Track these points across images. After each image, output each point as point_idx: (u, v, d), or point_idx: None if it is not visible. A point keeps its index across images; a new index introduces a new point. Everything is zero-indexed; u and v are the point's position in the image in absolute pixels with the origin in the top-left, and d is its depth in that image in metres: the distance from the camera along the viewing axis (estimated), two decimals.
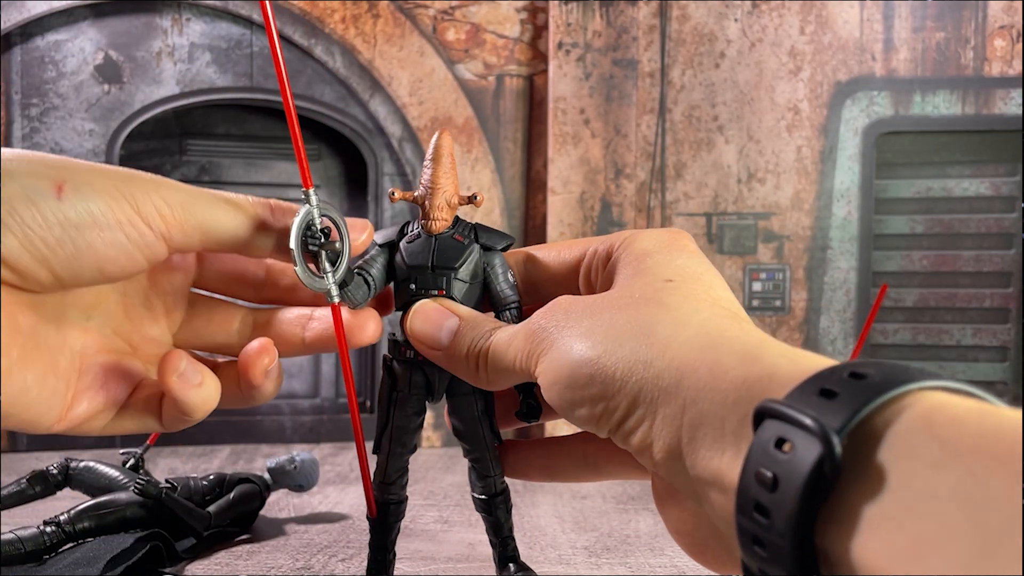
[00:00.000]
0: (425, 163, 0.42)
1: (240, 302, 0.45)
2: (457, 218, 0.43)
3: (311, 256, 0.38)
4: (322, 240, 0.37)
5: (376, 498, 0.45)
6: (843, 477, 0.22)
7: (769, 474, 0.23)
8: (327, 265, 0.38)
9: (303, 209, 0.37)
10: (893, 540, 0.20)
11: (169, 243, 0.35)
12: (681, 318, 0.31)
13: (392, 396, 0.43)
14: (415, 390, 0.43)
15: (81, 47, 1.27)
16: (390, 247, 0.43)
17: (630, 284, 0.35)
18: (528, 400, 0.42)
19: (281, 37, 1.30)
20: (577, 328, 0.33)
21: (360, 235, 0.40)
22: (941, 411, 0.22)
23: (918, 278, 1.39)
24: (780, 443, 0.23)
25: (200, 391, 0.39)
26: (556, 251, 0.42)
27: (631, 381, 0.30)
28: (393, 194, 0.42)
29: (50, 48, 1.26)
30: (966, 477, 0.20)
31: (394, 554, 0.47)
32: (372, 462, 0.46)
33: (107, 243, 0.33)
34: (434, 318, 0.39)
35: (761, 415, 0.24)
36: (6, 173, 0.31)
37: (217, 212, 0.36)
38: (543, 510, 0.92)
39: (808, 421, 0.22)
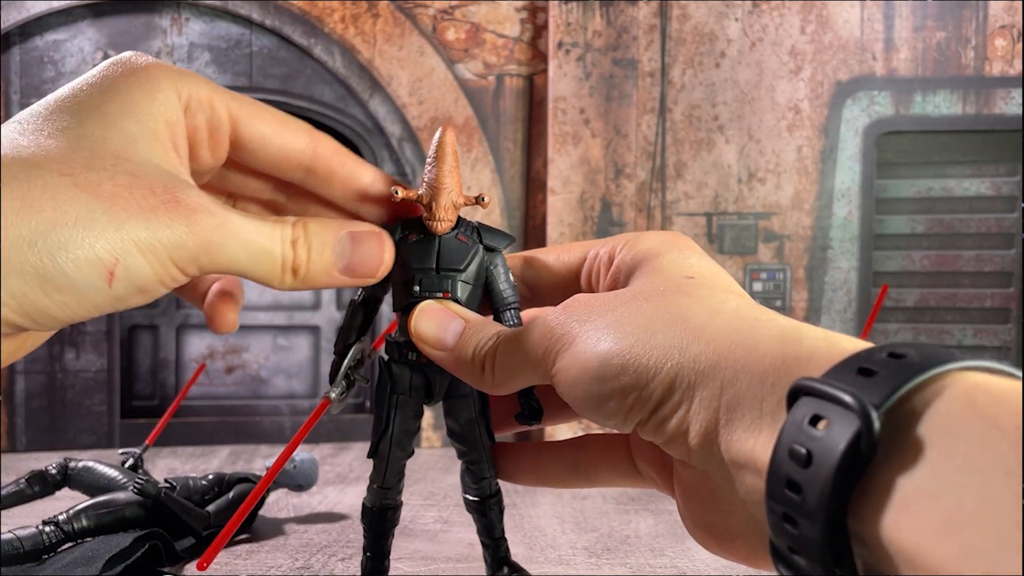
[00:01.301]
0: (428, 160, 0.41)
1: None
2: (459, 218, 0.42)
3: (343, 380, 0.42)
4: (359, 373, 0.43)
5: (374, 503, 0.44)
6: (879, 455, 0.22)
7: (803, 450, 0.22)
8: (343, 381, 0.42)
9: (356, 347, 0.42)
10: (927, 515, 0.20)
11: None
12: (714, 306, 0.31)
13: (392, 399, 0.42)
14: (415, 392, 0.42)
15: (80, 47, 1.27)
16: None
17: (650, 281, 0.34)
18: (530, 402, 0.41)
19: (281, 36, 1.30)
20: (601, 321, 0.32)
21: (381, 252, 0.39)
22: (983, 390, 0.22)
23: (919, 278, 1.39)
24: (815, 420, 0.23)
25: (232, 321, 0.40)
26: (556, 254, 0.41)
27: (667, 367, 0.29)
28: (396, 192, 0.40)
29: (49, 48, 1.26)
30: (1010, 451, 0.19)
31: (389, 558, 0.46)
32: (366, 466, 0.46)
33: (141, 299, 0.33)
34: (440, 319, 0.39)
35: (796, 393, 0.24)
36: (58, 248, 0.29)
37: (253, 258, 0.35)
38: (543, 510, 0.91)
39: (847, 397, 0.22)
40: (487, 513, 0.45)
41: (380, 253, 0.38)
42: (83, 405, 1.26)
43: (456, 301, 0.40)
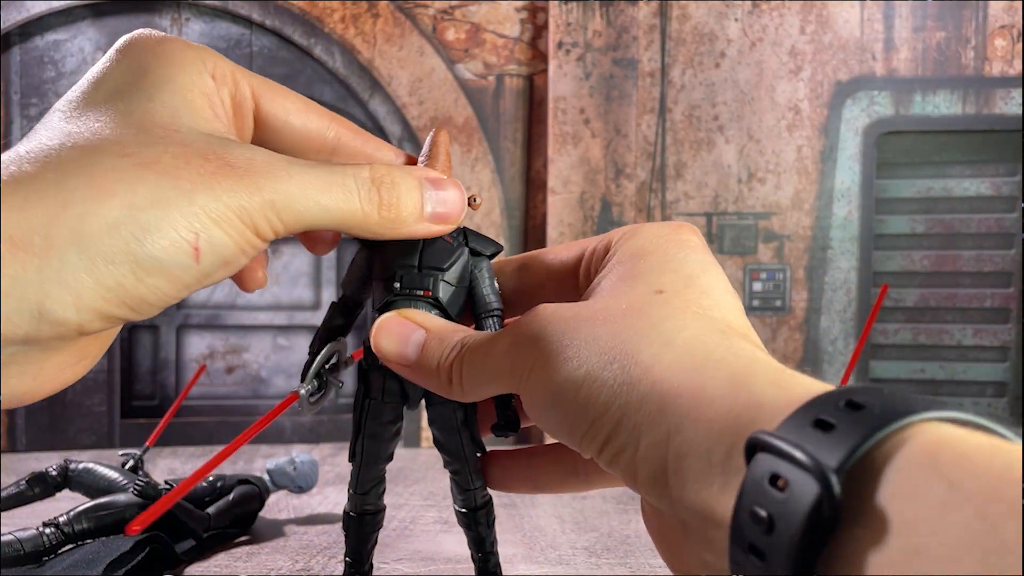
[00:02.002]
0: (420, 160, 0.41)
1: None
2: None
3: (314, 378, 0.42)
4: (332, 376, 0.42)
5: (352, 508, 0.44)
6: (843, 518, 0.21)
7: (764, 513, 0.22)
8: (314, 380, 0.42)
9: (331, 345, 0.41)
10: None
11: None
12: (666, 336, 0.29)
13: (365, 404, 0.42)
14: (389, 397, 0.41)
15: (80, 47, 1.27)
16: (371, 245, 0.41)
17: (618, 293, 0.33)
18: (506, 412, 0.40)
19: (281, 37, 1.30)
20: (560, 343, 0.31)
21: (461, 196, 0.38)
22: (947, 447, 0.21)
23: (918, 278, 1.39)
24: (774, 479, 0.22)
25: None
26: (554, 253, 0.41)
27: (614, 406, 0.28)
28: None
29: (49, 48, 1.26)
30: (976, 522, 0.18)
31: (371, 565, 0.46)
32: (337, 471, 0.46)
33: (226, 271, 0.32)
34: (399, 332, 0.37)
35: (753, 447, 0.23)
36: (143, 231, 0.28)
37: (327, 209, 0.33)
38: (543, 510, 0.91)
39: (803, 457, 0.21)
40: (474, 526, 0.44)
41: (460, 197, 0.38)
42: (83, 405, 1.26)
43: (436, 300, 0.40)
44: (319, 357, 0.41)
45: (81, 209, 0.27)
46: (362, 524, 0.44)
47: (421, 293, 0.39)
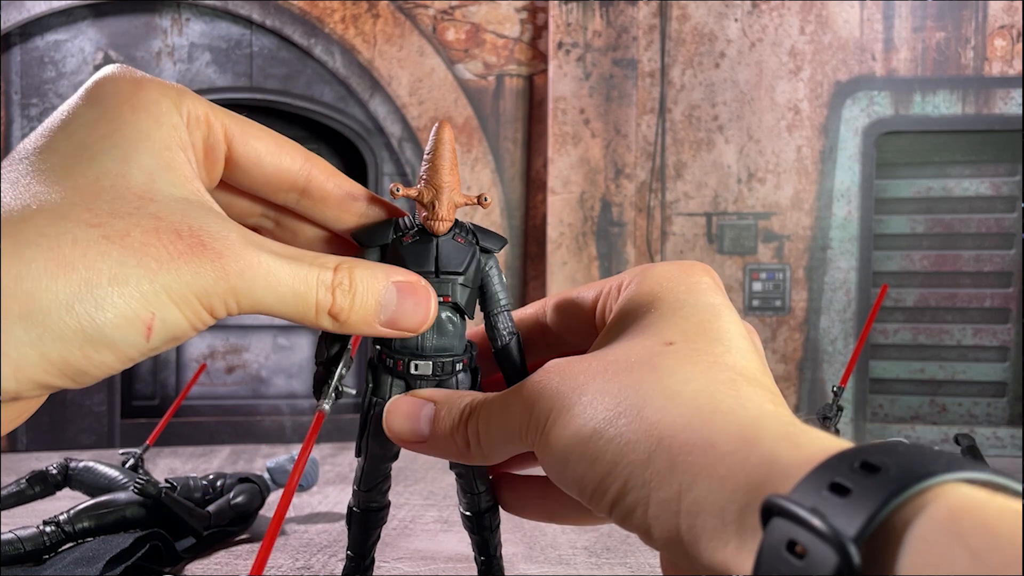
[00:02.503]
0: (426, 157, 0.40)
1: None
2: (456, 219, 0.41)
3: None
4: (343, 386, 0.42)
5: (356, 504, 0.44)
6: None
7: None
8: (333, 393, 0.42)
9: (345, 356, 0.42)
10: None
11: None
12: (673, 389, 0.29)
13: (372, 402, 0.42)
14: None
15: (81, 47, 1.27)
16: (382, 249, 0.40)
17: (629, 345, 0.33)
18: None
19: (281, 37, 1.30)
20: (568, 399, 0.31)
21: (428, 305, 0.37)
22: (968, 513, 0.20)
23: (918, 278, 1.39)
24: (792, 545, 0.21)
25: None
26: (578, 292, 0.40)
27: (621, 463, 0.28)
28: (396, 190, 0.39)
29: (50, 48, 1.26)
30: None
31: (372, 560, 0.46)
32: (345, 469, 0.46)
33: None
34: (407, 412, 0.38)
35: (769, 511, 0.22)
36: (96, 309, 0.28)
37: (284, 302, 0.33)
38: None
39: (821, 526, 0.21)
40: (479, 530, 0.44)
41: (427, 306, 0.37)
42: (83, 405, 1.26)
43: (455, 305, 0.40)
44: (337, 372, 0.41)
45: (33, 284, 0.27)
46: (366, 520, 0.44)
47: (441, 299, 0.39)
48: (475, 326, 0.43)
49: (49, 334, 0.27)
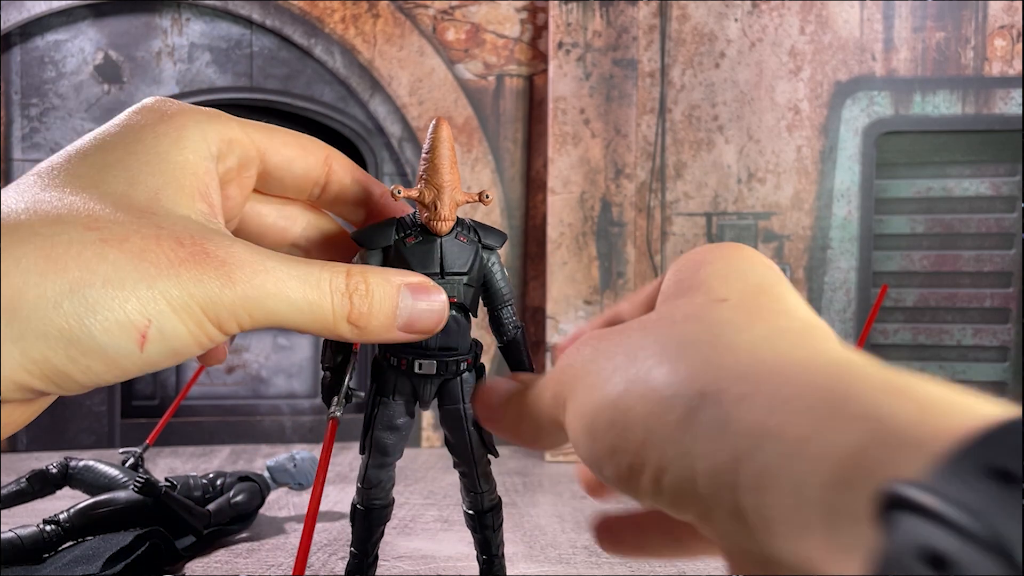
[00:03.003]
0: (424, 155, 0.39)
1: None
2: (457, 218, 0.41)
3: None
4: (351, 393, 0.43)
5: (360, 501, 0.44)
6: None
7: None
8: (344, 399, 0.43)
9: (352, 359, 0.43)
10: None
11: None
12: (726, 338, 0.23)
13: (376, 399, 0.42)
14: (400, 397, 0.42)
15: (81, 47, 1.27)
16: (384, 250, 0.40)
17: (673, 306, 0.27)
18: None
19: (281, 37, 1.30)
20: (600, 362, 0.26)
21: (443, 306, 0.36)
22: None
23: (918, 278, 1.39)
24: (932, 557, 0.15)
25: None
26: (629, 301, 0.36)
27: (656, 428, 0.22)
28: (397, 192, 0.39)
29: (50, 48, 1.26)
30: None
31: (376, 557, 0.46)
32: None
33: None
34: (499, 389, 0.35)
35: (889, 502, 0.16)
36: (86, 310, 0.26)
37: (299, 311, 0.32)
38: (543, 510, 0.91)
39: (984, 533, 0.14)
40: (481, 529, 0.44)
41: (439, 309, 0.36)
42: (83, 405, 1.26)
43: (460, 305, 0.40)
44: (347, 380, 0.41)
45: (21, 280, 0.26)
46: (369, 517, 0.44)
47: (449, 301, 0.39)
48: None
49: (32, 331, 0.26)
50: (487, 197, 0.40)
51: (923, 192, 1.38)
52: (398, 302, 0.34)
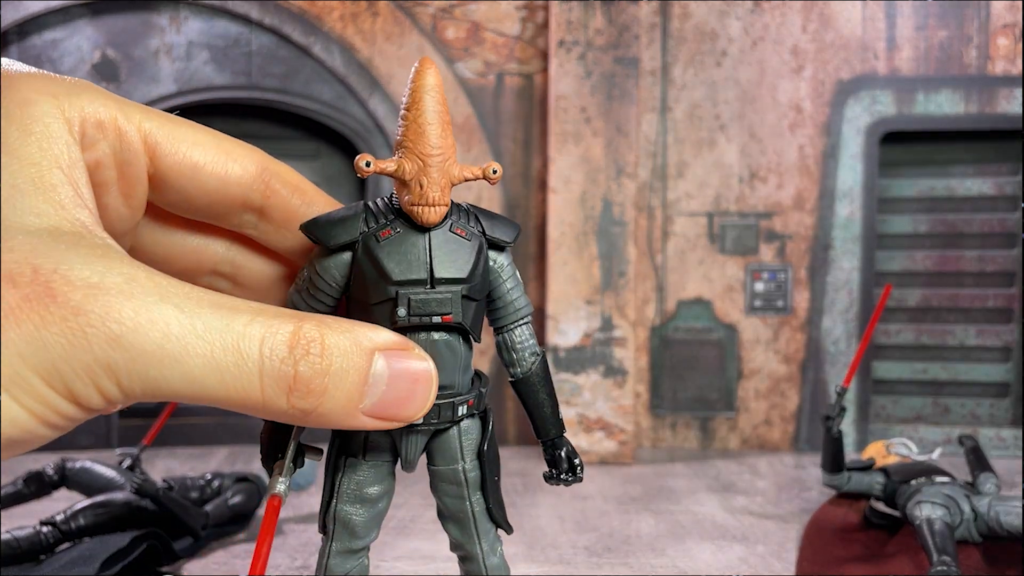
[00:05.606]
0: (403, 114, 0.28)
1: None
2: (451, 202, 0.28)
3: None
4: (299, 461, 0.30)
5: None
6: None
7: None
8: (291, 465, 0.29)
9: (294, 431, 0.30)
10: None
11: None
12: None
13: (340, 462, 0.30)
14: (374, 456, 0.30)
15: (78, 45, 1.26)
16: (350, 248, 0.28)
17: None
18: (554, 452, 0.31)
19: (279, 35, 1.30)
20: None
21: (428, 388, 0.26)
22: None
23: (921, 278, 1.39)
24: None
25: None
26: None
27: None
28: (367, 164, 0.27)
29: (47, 46, 1.25)
30: None
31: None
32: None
33: None
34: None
35: None
36: None
37: (208, 380, 0.22)
38: (543, 510, 0.91)
39: None
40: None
41: (426, 390, 0.25)
42: None
43: (459, 326, 0.28)
44: (289, 453, 0.29)
45: None
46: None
47: (439, 320, 0.27)
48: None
49: None
50: (494, 172, 0.28)
51: (926, 192, 1.38)
52: (368, 374, 0.24)
